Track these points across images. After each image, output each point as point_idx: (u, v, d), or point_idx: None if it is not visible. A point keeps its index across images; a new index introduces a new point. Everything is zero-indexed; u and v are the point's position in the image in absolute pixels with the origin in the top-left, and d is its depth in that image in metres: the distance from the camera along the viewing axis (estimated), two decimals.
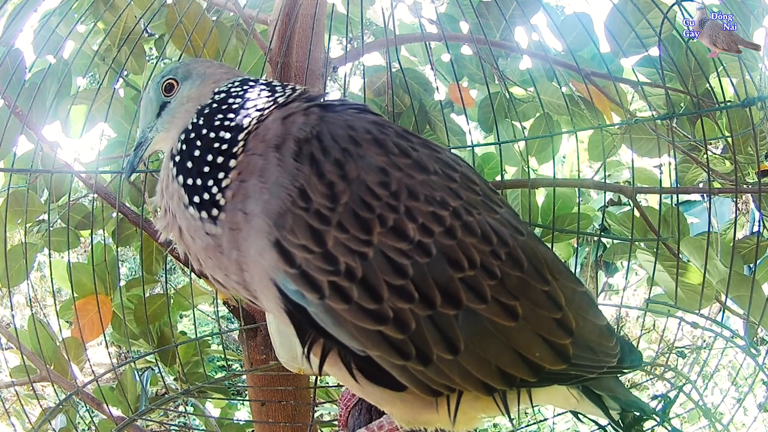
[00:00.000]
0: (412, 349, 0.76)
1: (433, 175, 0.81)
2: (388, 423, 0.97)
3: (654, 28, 1.76)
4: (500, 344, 0.79)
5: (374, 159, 0.79)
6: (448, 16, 2.35)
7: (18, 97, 1.70)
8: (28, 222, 2.25)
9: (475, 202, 0.83)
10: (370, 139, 0.81)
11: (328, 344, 0.79)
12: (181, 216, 0.85)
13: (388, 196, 0.77)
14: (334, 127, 0.81)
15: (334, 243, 0.74)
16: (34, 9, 1.83)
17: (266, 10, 2.23)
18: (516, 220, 0.88)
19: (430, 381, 0.78)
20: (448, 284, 0.76)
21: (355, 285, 0.74)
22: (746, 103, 1.43)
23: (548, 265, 0.85)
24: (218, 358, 4.82)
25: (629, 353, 0.93)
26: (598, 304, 0.94)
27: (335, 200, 0.75)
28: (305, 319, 0.77)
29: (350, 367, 0.79)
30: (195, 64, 0.95)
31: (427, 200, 0.78)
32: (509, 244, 0.81)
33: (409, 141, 0.84)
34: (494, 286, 0.78)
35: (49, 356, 2.02)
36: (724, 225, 2.58)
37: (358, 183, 0.76)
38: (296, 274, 0.75)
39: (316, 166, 0.77)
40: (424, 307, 0.75)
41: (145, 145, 0.94)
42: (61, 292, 3.17)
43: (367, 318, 0.75)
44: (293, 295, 0.76)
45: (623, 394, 0.95)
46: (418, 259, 0.75)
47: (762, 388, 2.98)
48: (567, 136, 2.44)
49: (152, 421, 2.24)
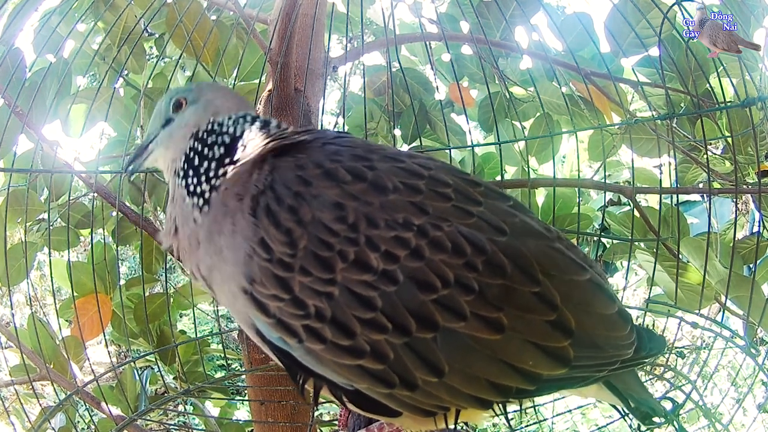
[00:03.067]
0: (394, 377, 0.75)
1: (393, 194, 0.79)
2: (388, 425, 0.97)
3: (654, 28, 1.77)
4: (487, 358, 0.77)
5: (327, 194, 0.78)
6: (448, 16, 2.35)
7: (18, 96, 1.70)
8: (28, 221, 2.25)
9: (444, 212, 0.79)
10: (320, 173, 0.80)
11: (318, 382, 0.81)
12: (180, 206, 0.89)
13: (346, 230, 0.76)
14: (284, 172, 0.82)
15: (300, 288, 0.75)
16: (34, 8, 1.83)
17: (266, 10, 2.23)
18: (500, 215, 0.82)
19: (420, 404, 0.78)
20: (420, 308, 0.75)
21: (326, 325, 0.75)
22: (746, 103, 1.42)
23: (539, 262, 0.80)
24: (218, 357, 4.83)
25: (648, 341, 0.89)
26: (606, 288, 0.88)
27: (294, 246, 0.76)
28: (292, 362, 0.80)
29: (342, 400, 0.80)
30: (207, 90, 0.99)
31: (388, 225, 0.77)
32: (487, 251, 0.78)
33: (366, 160, 0.82)
34: (472, 300, 0.76)
35: (49, 355, 2.02)
36: (724, 225, 2.58)
37: (314, 224, 0.76)
38: (274, 323, 0.77)
39: (273, 217, 0.78)
40: (399, 335, 0.74)
41: (146, 153, 0.99)
42: (61, 291, 3.17)
43: (345, 354, 0.75)
44: (277, 342, 0.79)
45: (637, 391, 0.92)
46: (385, 288, 0.74)
47: (762, 388, 2.99)
48: (567, 136, 2.44)
49: (152, 420, 2.24)
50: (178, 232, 0.90)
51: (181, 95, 0.97)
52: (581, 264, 0.86)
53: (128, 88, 2.38)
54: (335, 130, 1.24)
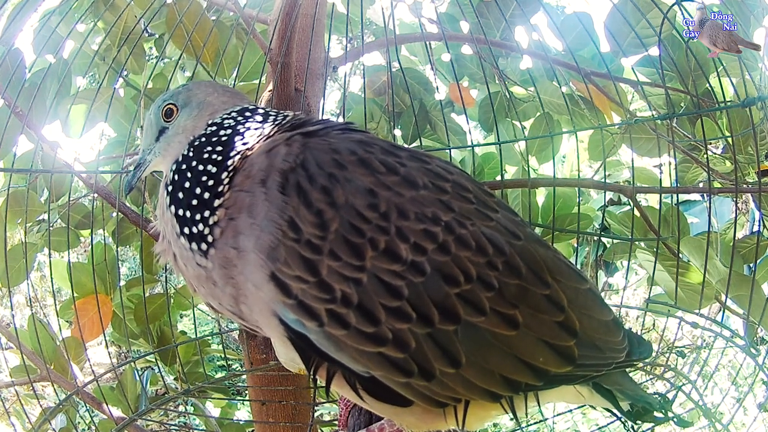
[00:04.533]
0: (414, 366, 0.76)
1: (423, 190, 0.81)
2: (389, 425, 0.97)
3: (654, 28, 1.77)
4: (502, 353, 0.79)
5: (361, 181, 0.78)
6: (448, 16, 2.35)
7: (18, 96, 1.70)
8: (28, 222, 2.25)
9: (468, 213, 0.82)
10: (355, 160, 0.80)
11: (332, 367, 0.80)
12: (174, 243, 0.87)
13: (377, 218, 0.76)
14: (318, 153, 0.81)
15: (328, 271, 0.75)
16: (34, 9, 1.83)
17: (266, 10, 2.23)
18: (513, 223, 0.87)
19: (434, 394, 0.79)
20: (445, 300, 0.76)
21: (351, 310, 0.75)
22: (746, 103, 1.42)
23: (548, 267, 0.84)
24: (218, 357, 4.82)
25: (637, 346, 0.93)
26: (602, 298, 0.94)
27: (325, 228, 0.76)
28: (307, 346, 0.79)
29: (356, 387, 0.80)
30: (197, 90, 0.96)
31: (418, 218, 0.78)
32: (506, 253, 0.81)
33: (396, 156, 0.84)
34: (492, 297, 0.78)
35: (49, 356, 2.02)
36: (724, 225, 2.58)
37: (346, 208, 0.76)
38: (294, 304, 0.76)
39: (304, 196, 0.77)
40: (423, 325, 0.75)
41: (143, 167, 0.97)
42: (61, 291, 3.17)
43: (367, 341, 0.75)
44: (294, 324, 0.78)
45: (631, 389, 0.95)
46: (413, 279, 0.75)
47: (762, 388, 2.98)
48: (567, 135, 2.44)
49: (152, 420, 2.24)
50: (177, 262, 0.88)
51: (170, 101, 0.95)
52: (581, 275, 0.91)
53: (128, 89, 2.38)
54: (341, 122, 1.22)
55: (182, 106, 0.94)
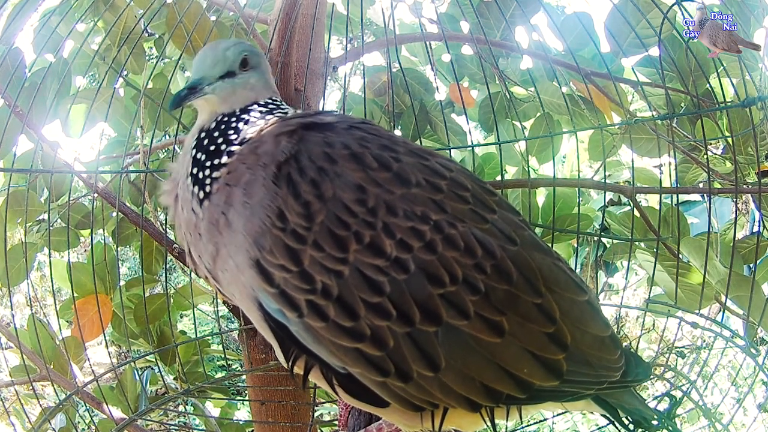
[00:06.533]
0: (390, 366, 0.76)
1: (415, 188, 0.80)
2: (387, 425, 0.97)
3: (654, 28, 1.76)
4: (484, 360, 0.77)
5: (351, 176, 0.79)
6: (449, 16, 2.35)
7: (18, 96, 1.70)
8: (28, 221, 2.25)
9: (461, 213, 0.81)
10: (348, 155, 0.81)
11: (310, 361, 0.80)
12: (182, 184, 0.88)
13: (365, 213, 0.76)
14: (311, 146, 0.82)
15: (310, 262, 0.75)
16: (34, 8, 1.83)
17: (266, 10, 2.23)
18: (511, 226, 0.84)
19: (411, 397, 0.78)
20: (427, 300, 0.75)
21: (331, 303, 0.75)
22: (746, 103, 1.42)
23: (543, 275, 0.82)
24: (218, 357, 4.82)
25: (635, 366, 0.90)
26: (601, 312, 0.90)
27: (311, 219, 0.76)
28: (287, 336, 0.79)
29: (332, 383, 0.80)
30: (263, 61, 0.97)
31: (406, 215, 0.78)
32: (496, 256, 0.79)
33: (393, 151, 0.83)
34: (477, 301, 0.77)
35: (49, 356, 2.02)
36: (724, 225, 2.58)
37: (334, 201, 0.77)
38: (276, 293, 0.76)
39: (293, 187, 0.78)
40: (402, 324, 0.75)
41: (198, 94, 0.89)
42: (61, 291, 3.17)
43: (345, 335, 0.75)
44: (275, 314, 0.78)
45: (628, 402, 0.93)
46: (396, 276, 0.75)
47: (762, 388, 2.99)
48: (567, 136, 2.44)
49: (152, 420, 2.24)
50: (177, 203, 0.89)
51: (248, 53, 0.92)
52: (581, 285, 0.88)
53: (128, 89, 2.38)
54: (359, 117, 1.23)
55: (254, 66, 0.93)
